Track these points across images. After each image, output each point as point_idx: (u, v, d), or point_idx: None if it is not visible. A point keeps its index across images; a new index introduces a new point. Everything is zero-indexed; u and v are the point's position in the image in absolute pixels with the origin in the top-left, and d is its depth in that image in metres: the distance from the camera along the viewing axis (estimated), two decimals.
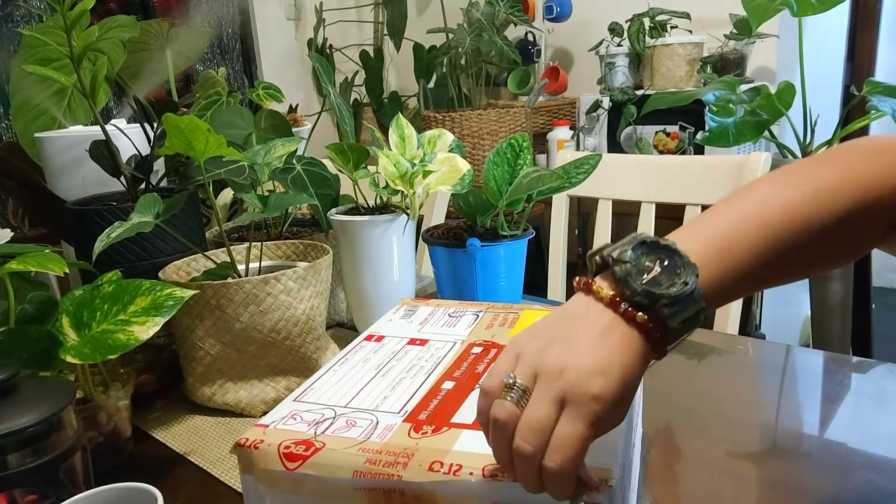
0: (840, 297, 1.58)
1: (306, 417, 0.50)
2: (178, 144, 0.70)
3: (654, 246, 0.42)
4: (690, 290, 0.40)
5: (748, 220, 0.45)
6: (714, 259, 0.43)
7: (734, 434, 0.68)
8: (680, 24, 2.13)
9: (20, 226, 1.22)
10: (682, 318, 0.41)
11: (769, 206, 0.46)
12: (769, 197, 0.47)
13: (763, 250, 0.45)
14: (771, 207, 0.46)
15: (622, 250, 0.42)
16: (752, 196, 0.48)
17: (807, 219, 0.46)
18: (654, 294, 0.40)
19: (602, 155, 0.97)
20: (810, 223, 0.46)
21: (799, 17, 1.51)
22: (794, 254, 0.46)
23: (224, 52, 2.75)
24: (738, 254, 0.44)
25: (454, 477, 0.42)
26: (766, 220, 0.45)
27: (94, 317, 0.66)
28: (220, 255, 0.87)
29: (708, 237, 0.44)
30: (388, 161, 0.85)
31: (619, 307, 0.40)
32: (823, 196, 0.47)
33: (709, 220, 0.46)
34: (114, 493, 0.52)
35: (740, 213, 0.46)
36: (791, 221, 0.46)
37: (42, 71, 0.83)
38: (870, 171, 0.49)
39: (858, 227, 0.48)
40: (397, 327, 0.67)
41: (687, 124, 1.96)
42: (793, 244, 0.46)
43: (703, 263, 0.42)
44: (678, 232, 0.46)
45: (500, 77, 2.46)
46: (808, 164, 0.50)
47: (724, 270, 0.43)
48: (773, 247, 0.45)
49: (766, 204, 0.46)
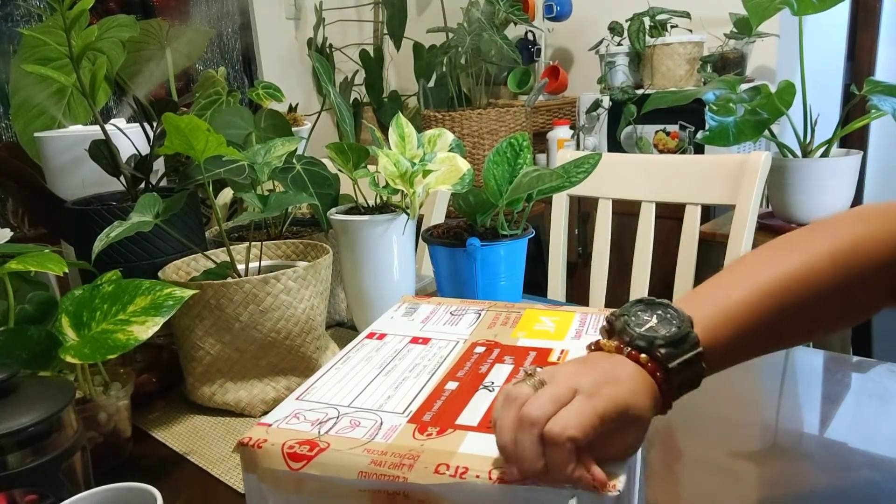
0: None
1: (309, 417, 0.50)
2: (177, 144, 0.70)
3: (650, 303, 0.47)
4: (685, 333, 0.44)
5: (747, 289, 0.48)
6: (711, 319, 0.46)
7: (734, 434, 0.68)
8: (680, 23, 2.13)
9: (20, 226, 1.22)
10: (680, 359, 0.44)
11: (768, 275, 0.48)
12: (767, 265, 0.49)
13: (762, 317, 0.47)
14: (770, 275, 0.48)
15: (622, 310, 0.47)
16: (750, 265, 0.50)
17: (806, 286, 0.48)
18: (649, 337, 0.44)
19: (602, 154, 0.96)
20: (809, 290, 0.48)
21: (799, 17, 1.51)
22: (795, 321, 0.49)
23: (224, 52, 2.75)
24: (738, 321, 0.47)
25: (460, 479, 0.42)
26: (765, 289, 0.48)
27: (94, 317, 0.66)
28: (220, 254, 0.86)
29: (707, 304, 0.47)
30: (387, 160, 0.85)
31: (623, 352, 0.45)
32: (822, 263, 0.49)
33: (708, 289, 0.49)
34: (114, 493, 0.52)
35: (740, 282, 0.49)
36: (790, 289, 0.48)
37: (42, 70, 0.83)
38: (867, 235, 0.50)
39: (858, 292, 0.50)
40: (399, 325, 0.67)
41: (687, 123, 1.95)
42: (793, 311, 0.48)
43: (699, 323, 0.45)
44: (679, 301, 0.49)
45: (500, 76, 2.46)
46: (806, 232, 0.52)
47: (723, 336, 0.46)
48: (772, 314, 0.47)
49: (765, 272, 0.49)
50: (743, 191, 1.16)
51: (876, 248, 0.49)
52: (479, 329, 0.64)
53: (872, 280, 0.50)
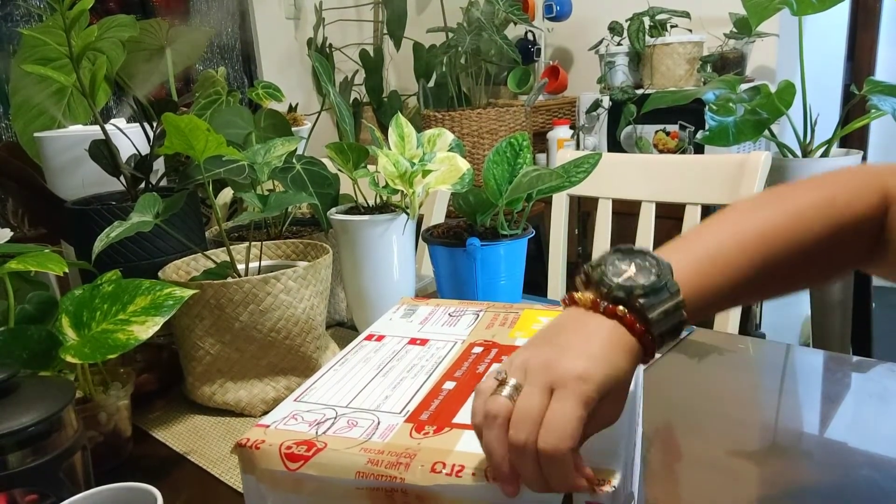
0: (840, 296, 1.58)
1: (307, 417, 0.50)
2: (177, 144, 0.70)
3: (628, 252, 0.45)
4: (664, 283, 0.43)
5: (727, 239, 0.47)
6: (690, 268, 0.45)
7: (734, 433, 0.68)
8: (680, 23, 2.13)
9: (20, 226, 1.22)
10: (661, 309, 0.42)
11: (748, 226, 0.48)
12: (749, 217, 0.49)
13: (741, 268, 0.46)
14: (751, 227, 0.48)
15: (599, 259, 0.45)
16: (732, 216, 0.50)
17: (786, 239, 0.48)
18: (628, 287, 0.42)
19: (602, 154, 0.96)
20: (789, 243, 0.48)
21: (799, 16, 1.51)
22: (773, 273, 0.48)
23: (224, 52, 2.75)
24: (717, 270, 0.46)
25: (457, 478, 0.42)
26: (745, 239, 0.47)
27: (94, 316, 0.66)
28: (220, 254, 0.87)
29: (687, 254, 0.46)
30: (387, 160, 0.85)
31: (600, 307, 0.43)
32: (802, 217, 0.48)
33: (686, 240, 0.48)
34: (114, 492, 0.52)
35: (719, 233, 0.48)
36: (770, 241, 0.47)
37: (41, 70, 0.83)
38: (847, 189, 0.50)
39: (837, 248, 0.50)
40: (397, 327, 0.67)
41: (687, 123, 1.96)
42: (771, 263, 0.47)
43: (681, 277, 0.44)
44: (658, 250, 0.47)
45: (500, 76, 2.46)
46: (789, 187, 0.52)
47: (702, 285, 0.45)
48: (751, 265, 0.47)
49: (746, 224, 0.48)
50: (743, 191, 1.16)
51: (856, 204, 0.50)
52: (478, 329, 0.64)
53: (852, 238, 0.50)
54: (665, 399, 0.75)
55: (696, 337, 0.90)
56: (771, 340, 1.02)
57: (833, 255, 0.51)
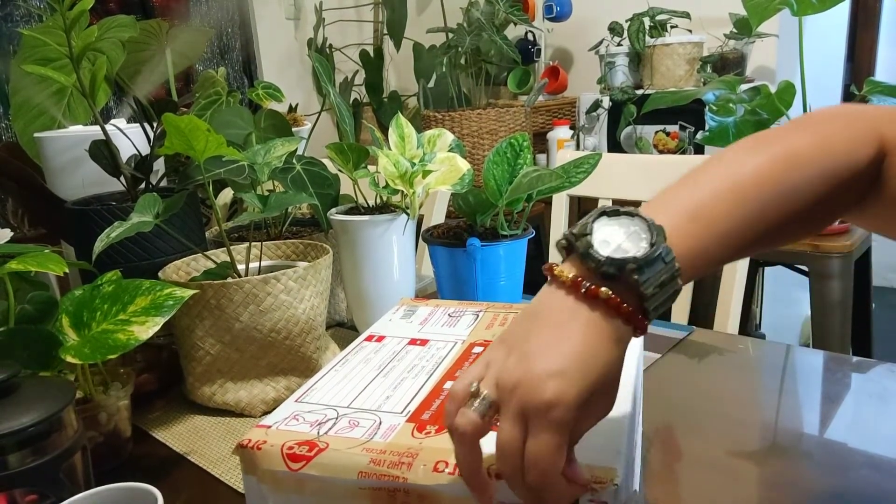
0: (840, 296, 1.58)
1: (308, 418, 0.50)
2: (177, 144, 0.70)
3: (614, 214, 0.40)
4: (658, 252, 0.38)
5: (718, 187, 0.44)
6: (684, 228, 0.41)
7: (734, 434, 0.68)
8: (680, 23, 2.13)
9: (20, 226, 1.22)
10: (656, 282, 0.38)
11: (740, 171, 0.44)
12: (741, 162, 0.45)
13: (734, 216, 0.43)
14: (742, 172, 0.44)
15: (582, 225, 0.40)
16: (723, 162, 0.46)
17: (779, 183, 0.44)
18: (619, 261, 0.38)
19: (602, 154, 0.96)
20: (782, 187, 0.44)
21: (799, 17, 1.51)
22: (766, 219, 0.44)
23: (224, 52, 2.75)
24: (709, 221, 0.42)
25: (459, 477, 0.42)
26: (737, 185, 0.44)
27: (94, 317, 0.66)
28: (220, 254, 0.87)
29: (677, 207, 0.42)
30: (387, 161, 0.85)
31: (581, 287, 0.38)
32: (796, 161, 0.45)
33: (677, 190, 0.44)
34: (114, 493, 0.52)
35: (710, 180, 0.44)
36: (763, 185, 0.44)
37: (42, 71, 0.83)
38: (844, 136, 0.47)
39: (831, 193, 0.47)
40: (397, 327, 0.67)
41: (687, 124, 1.96)
42: (764, 209, 0.44)
43: (672, 234, 0.40)
44: (645, 206, 0.43)
45: (500, 76, 2.46)
46: (781, 130, 0.49)
47: (695, 239, 0.41)
48: (744, 212, 0.43)
49: (738, 169, 0.44)
50: None
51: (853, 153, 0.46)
52: (478, 330, 0.64)
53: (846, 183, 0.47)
54: (665, 399, 0.75)
55: (696, 337, 0.90)
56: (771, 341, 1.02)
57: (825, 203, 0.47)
